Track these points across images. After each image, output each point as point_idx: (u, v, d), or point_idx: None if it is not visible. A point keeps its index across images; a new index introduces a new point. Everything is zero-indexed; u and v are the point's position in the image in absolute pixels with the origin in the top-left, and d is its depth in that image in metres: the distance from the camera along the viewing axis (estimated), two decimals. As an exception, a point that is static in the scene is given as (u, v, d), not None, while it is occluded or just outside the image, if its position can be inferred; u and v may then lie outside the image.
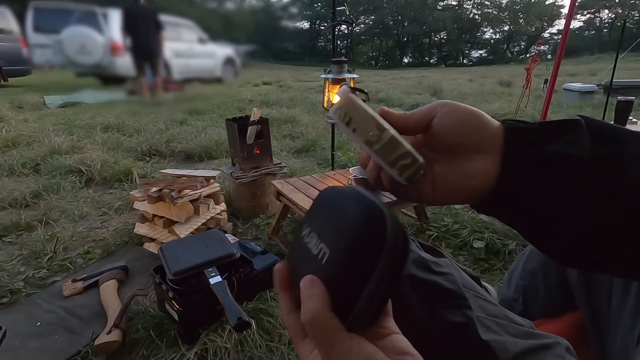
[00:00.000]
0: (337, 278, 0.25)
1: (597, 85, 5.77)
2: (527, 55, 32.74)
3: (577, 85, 5.74)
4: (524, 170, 0.29)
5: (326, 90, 1.85)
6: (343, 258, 0.25)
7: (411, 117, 0.33)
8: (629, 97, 2.84)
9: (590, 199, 0.28)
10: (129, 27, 4.53)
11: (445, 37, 38.97)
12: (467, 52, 39.63)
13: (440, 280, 0.49)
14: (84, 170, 2.36)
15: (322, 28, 35.74)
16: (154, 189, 1.48)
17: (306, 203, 1.34)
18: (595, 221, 0.28)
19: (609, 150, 0.28)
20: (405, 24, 37.62)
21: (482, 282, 1.03)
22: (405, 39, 38.89)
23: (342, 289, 0.25)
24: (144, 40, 4.58)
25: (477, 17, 38.56)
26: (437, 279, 0.49)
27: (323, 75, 1.79)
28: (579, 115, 0.31)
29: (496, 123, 0.32)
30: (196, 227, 1.51)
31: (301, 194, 1.43)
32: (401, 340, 0.26)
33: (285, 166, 1.90)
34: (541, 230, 0.31)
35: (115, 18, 4.62)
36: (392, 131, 0.30)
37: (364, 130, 0.30)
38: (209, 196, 1.63)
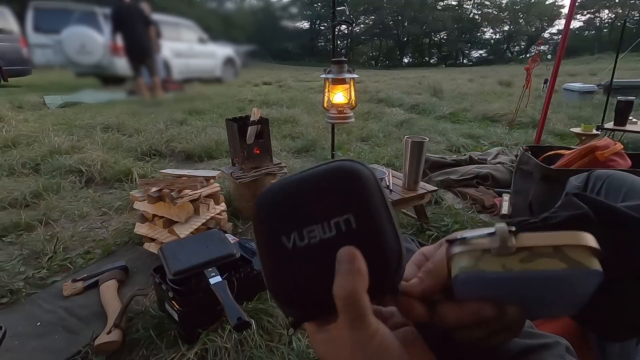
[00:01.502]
0: (370, 230, 0.26)
1: (597, 85, 5.77)
2: (527, 55, 32.76)
3: (577, 85, 5.74)
4: None
5: (326, 90, 1.85)
6: (370, 215, 0.26)
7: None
8: (629, 97, 2.85)
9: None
10: (118, 28, 4.52)
11: (445, 37, 38.99)
12: (467, 52, 39.66)
13: None
14: (84, 170, 2.36)
15: (322, 28, 35.76)
16: (154, 189, 1.48)
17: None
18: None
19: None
20: (405, 24, 37.63)
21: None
22: (405, 39, 38.89)
23: (375, 248, 0.26)
24: (134, 40, 4.56)
25: (477, 17, 38.58)
26: None
27: (323, 75, 1.79)
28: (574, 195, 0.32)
29: None
30: (196, 227, 1.51)
31: (301, 194, 1.43)
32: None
33: (285, 166, 1.89)
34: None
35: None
36: None
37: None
38: (209, 196, 1.63)
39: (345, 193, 0.27)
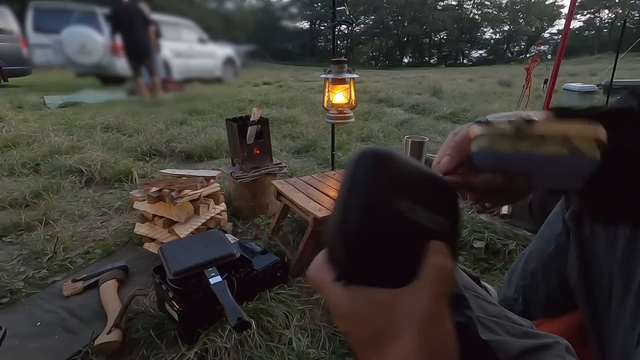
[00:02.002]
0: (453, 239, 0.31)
1: (597, 85, 5.77)
2: (527, 55, 32.74)
3: (577, 85, 5.74)
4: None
5: (326, 90, 1.85)
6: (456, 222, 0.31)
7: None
8: (629, 97, 2.84)
9: None
10: (116, 28, 4.50)
11: (445, 37, 38.98)
12: (467, 52, 39.65)
13: None
14: (84, 170, 2.36)
15: (322, 28, 35.75)
16: (154, 189, 1.48)
17: (306, 203, 1.34)
18: None
19: None
20: (405, 24, 37.63)
21: (482, 282, 1.03)
22: (405, 39, 38.88)
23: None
24: (133, 40, 4.55)
25: (477, 17, 38.58)
26: None
27: (323, 75, 1.79)
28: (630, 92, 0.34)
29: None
30: (196, 227, 1.51)
31: (301, 194, 1.43)
32: None
33: (285, 166, 1.89)
34: None
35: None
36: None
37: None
38: (209, 196, 1.63)
39: (451, 211, 0.31)
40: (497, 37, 39.30)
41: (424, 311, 0.27)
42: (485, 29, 38.96)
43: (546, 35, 35.83)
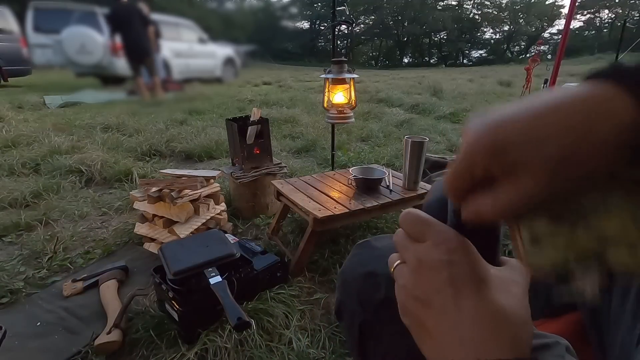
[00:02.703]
0: None
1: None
2: (527, 55, 32.75)
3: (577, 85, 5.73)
4: None
5: (326, 90, 1.85)
6: None
7: None
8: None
9: None
10: (116, 28, 4.50)
11: (445, 37, 38.97)
12: (467, 52, 39.64)
13: None
14: (84, 170, 2.36)
15: (322, 28, 35.75)
16: (154, 189, 1.48)
17: (306, 203, 1.34)
18: None
19: None
20: (405, 24, 37.62)
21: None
22: (405, 39, 38.88)
23: None
24: (133, 40, 4.55)
25: (477, 17, 38.57)
26: None
27: (323, 75, 1.79)
28: None
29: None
30: (196, 227, 1.51)
31: (301, 194, 1.43)
32: None
33: (285, 166, 1.89)
34: None
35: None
36: None
37: None
38: (209, 196, 1.63)
39: None
40: (497, 37, 39.33)
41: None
42: (485, 29, 38.98)
43: (546, 35, 35.87)
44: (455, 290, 0.28)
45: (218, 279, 1.03)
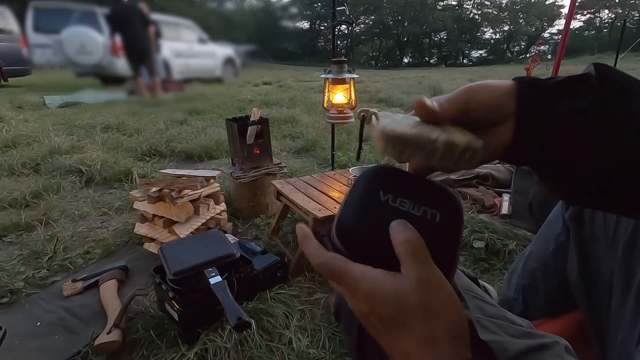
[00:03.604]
0: (447, 234, 0.33)
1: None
2: (527, 55, 32.75)
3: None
4: (537, 136, 0.33)
5: (326, 90, 1.85)
6: (453, 220, 0.34)
7: (448, 111, 0.34)
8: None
9: (596, 148, 0.31)
10: (116, 29, 4.49)
11: (445, 37, 38.96)
12: (467, 52, 39.63)
13: None
14: (84, 170, 2.36)
15: (322, 28, 35.73)
16: (154, 189, 1.48)
17: (306, 203, 1.34)
18: (600, 167, 0.31)
19: (611, 104, 0.31)
20: (405, 24, 37.60)
21: (482, 283, 1.03)
22: (405, 39, 38.87)
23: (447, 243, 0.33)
24: (133, 40, 4.54)
25: (477, 17, 38.55)
26: None
27: (323, 75, 1.79)
28: (593, 64, 0.33)
29: (507, 86, 0.34)
30: (196, 227, 1.51)
31: (301, 194, 1.43)
32: None
33: (285, 166, 1.89)
34: (556, 175, 0.34)
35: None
36: (443, 136, 0.31)
37: (418, 151, 0.31)
38: (209, 196, 1.63)
39: (445, 202, 0.35)
40: (497, 37, 39.31)
41: (416, 292, 0.28)
42: (485, 29, 38.96)
43: (546, 35, 35.86)
44: (386, 329, 0.30)
45: (218, 279, 1.03)
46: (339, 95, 1.82)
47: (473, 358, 0.30)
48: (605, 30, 34.93)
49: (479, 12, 38.24)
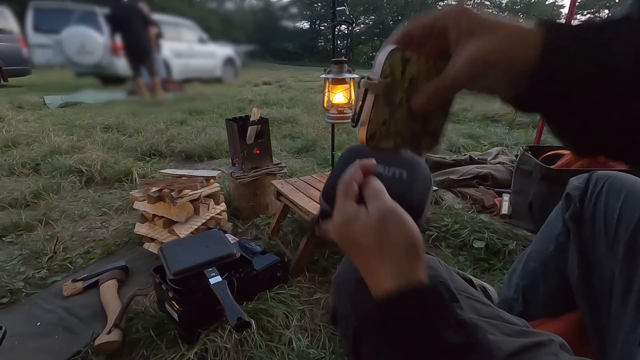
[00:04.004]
0: (414, 185, 0.43)
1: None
2: (527, 55, 32.63)
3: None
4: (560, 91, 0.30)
5: (326, 90, 1.85)
6: (416, 175, 0.44)
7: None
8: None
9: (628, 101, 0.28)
10: (116, 29, 4.49)
11: (445, 37, 38.93)
12: (467, 52, 39.60)
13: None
14: (84, 170, 2.36)
15: (322, 28, 35.72)
16: (154, 189, 1.48)
17: (306, 203, 1.34)
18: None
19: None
20: (406, 24, 37.61)
21: (481, 283, 1.03)
22: (405, 39, 38.81)
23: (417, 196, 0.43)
24: (134, 40, 4.54)
25: (477, 17, 38.57)
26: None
27: (323, 75, 1.79)
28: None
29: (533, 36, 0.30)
30: (196, 227, 1.51)
31: (301, 194, 1.43)
32: None
33: (285, 166, 1.89)
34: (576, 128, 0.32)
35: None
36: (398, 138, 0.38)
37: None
38: (209, 196, 1.63)
39: (409, 163, 0.44)
40: (497, 37, 39.30)
41: (372, 221, 0.36)
42: (485, 29, 38.93)
43: (546, 35, 35.79)
44: (356, 250, 0.38)
45: (218, 279, 1.03)
46: (339, 95, 1.82)
47: (472, 358, 0.30)
48: (605, 30, 34.91)
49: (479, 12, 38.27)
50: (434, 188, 1.59)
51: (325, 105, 1.88)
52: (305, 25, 37.07)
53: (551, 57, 0.29)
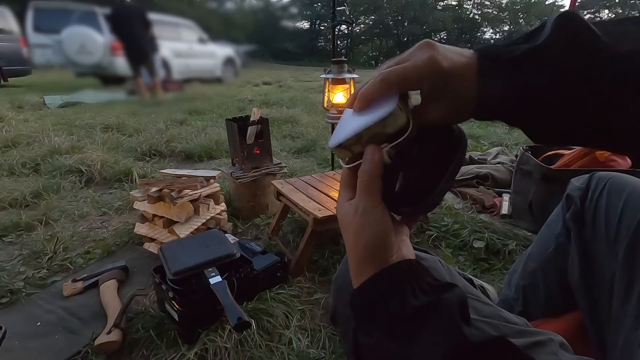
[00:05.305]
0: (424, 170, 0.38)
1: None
2: (527, 55, 32.58)
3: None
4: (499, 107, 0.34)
5: (326, 90, 1.85)
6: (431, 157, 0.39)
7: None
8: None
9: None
10: (117, 29, 4.49)
11: (445, 37, 38.92)
12: (467, 52, 39.55)
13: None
14: (84, 170, 2.36)
15: (322, 28, 35.71)
16: (154, 189, 1.48)
17: (306, 203, 1.34)
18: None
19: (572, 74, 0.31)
20: (406, 24, 37.58)
21: (480, 282, 1.03)
22: (405, 39, 38.84)
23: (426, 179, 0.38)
24: (134, 40, 4.54)
25: (477, 17, 38.55)
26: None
27: (323, 75, 1.79)
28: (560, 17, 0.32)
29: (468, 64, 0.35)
30: (196, 227, 1.51)
31: (301, 194, 1.43)
32: (409, 243, 0.40)
33: (285, 166, 1.89)
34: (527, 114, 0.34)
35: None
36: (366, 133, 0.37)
37: (358, 146, 0.38)
38: (209, 196, 1.63)
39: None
40: (497, 37, 39.29)
41: (359, 210, 0.37)
42: (485, 29, 38.95)
43: (546, 35, 35.73)
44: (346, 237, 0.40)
45: (218, 279, 1.03)
46: (339, 95, 1.82)
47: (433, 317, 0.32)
48: (605, 30, 34.89)
49: (479, 12, 38.25)
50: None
51: (325, 105, 1.88)
52: (305, 25, 37.03)
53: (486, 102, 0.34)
